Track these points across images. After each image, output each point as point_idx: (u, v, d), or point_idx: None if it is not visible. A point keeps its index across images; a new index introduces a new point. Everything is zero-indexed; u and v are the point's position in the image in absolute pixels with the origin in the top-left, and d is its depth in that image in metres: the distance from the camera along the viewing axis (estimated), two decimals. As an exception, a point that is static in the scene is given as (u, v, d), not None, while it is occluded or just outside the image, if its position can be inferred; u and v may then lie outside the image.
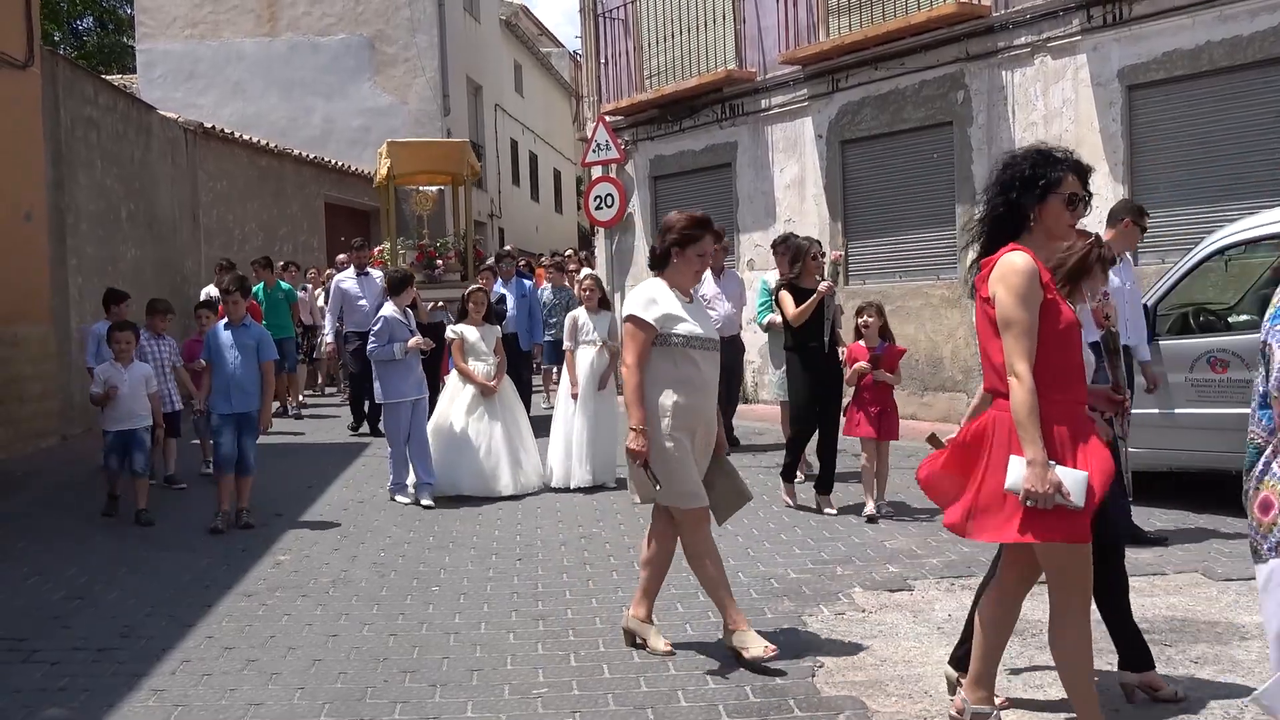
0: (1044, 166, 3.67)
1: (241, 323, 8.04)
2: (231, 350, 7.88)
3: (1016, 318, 3.48)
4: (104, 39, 37.81)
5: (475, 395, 8.87)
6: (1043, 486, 3.39)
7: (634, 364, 4.79)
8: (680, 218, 4.97)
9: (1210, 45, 9.86)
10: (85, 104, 13.17)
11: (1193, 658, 4.73)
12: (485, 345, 8.97)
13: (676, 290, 4.93)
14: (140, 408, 8.14)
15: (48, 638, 5.49)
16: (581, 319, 9.24)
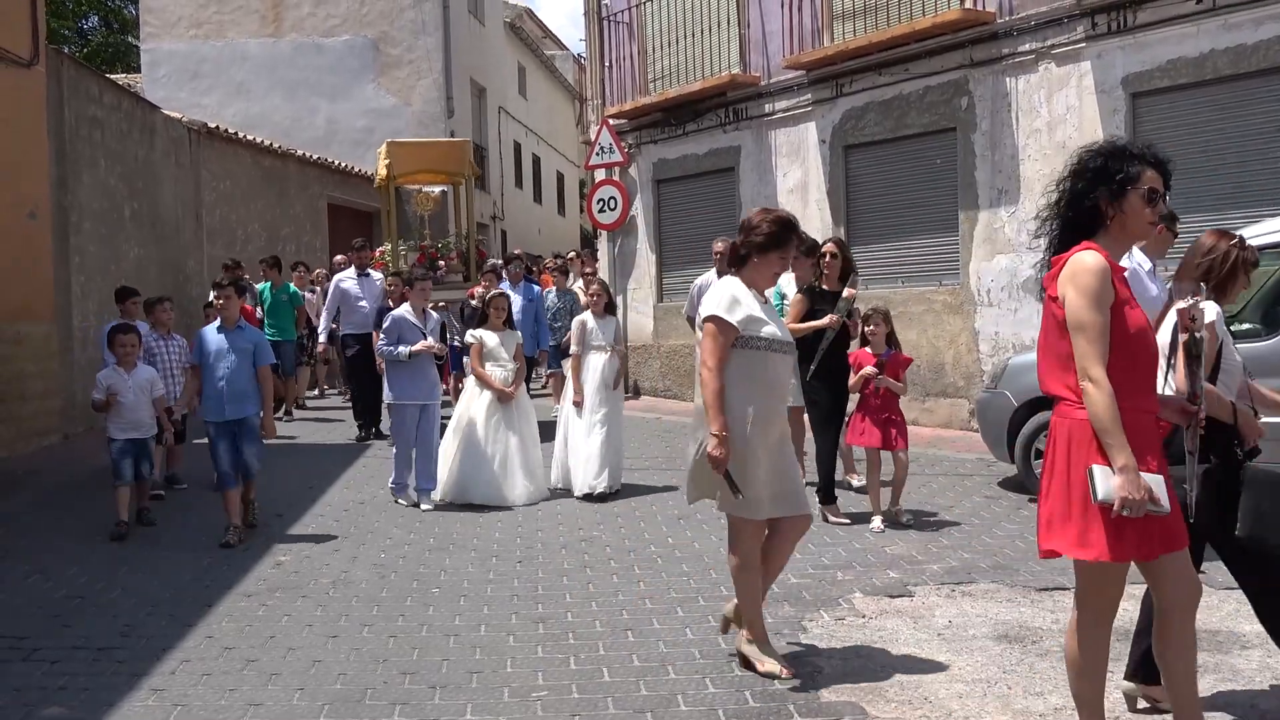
0: (1122, 161, 3.52)
1: (236, 325, 7.62)
2: (225, 354, 7.46)
3: (1088, 320, 3.34)
4: (109, 38, 37.84)
5: (492, 402, 8.68)
6: (1138, 494, 3.23)
7: (715, 367, 4.60)
8: (764, 218, 4.81)
9: (1214, 54, 9.87)
10: (90, 103, 13.18)
11: (1193, 666, 4.72)
12: (505, 351, 8.80)
13: (754, 291, 4.78)
14: (146, 415, 7.83)
15: (48, 636, 5.50)
16: (590, 324, 9.02)
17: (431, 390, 8.63)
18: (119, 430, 7.71)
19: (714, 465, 4.55)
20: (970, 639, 5.16)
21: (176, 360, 8.99)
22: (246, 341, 7.58)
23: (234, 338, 7.53)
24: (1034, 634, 5.21)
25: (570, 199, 39.49)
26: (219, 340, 7.52)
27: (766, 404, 4.68)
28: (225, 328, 7.55)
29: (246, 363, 7.50)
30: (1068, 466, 3.44)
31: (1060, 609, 5.58)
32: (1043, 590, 5.95)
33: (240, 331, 7.60)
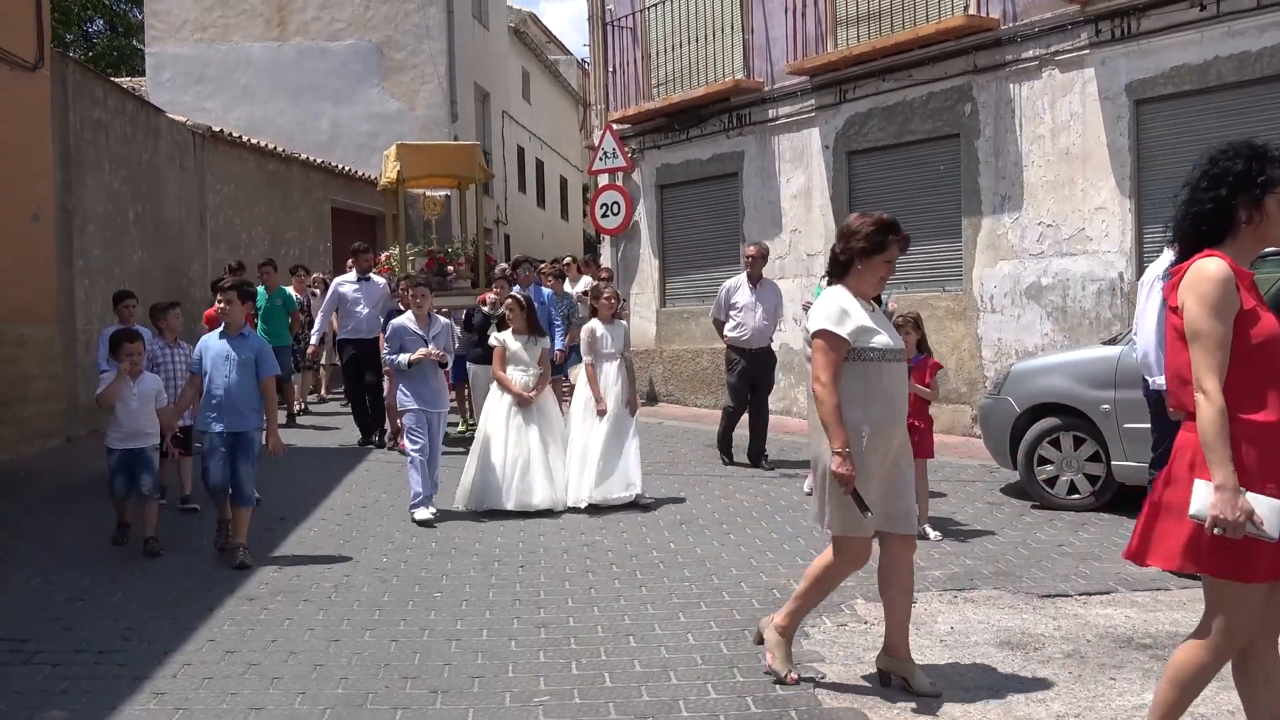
0: (1261, 162, 3.34)
1: (239, 331, 7.13)
2: (226, 363, 6.96)
3: (1206, 329, 3.19)
4: (114, 42, 37.91)
5: (512, 407, 8.53)
6: (1232, 514, 3.07)
7: (829, 382, 4.41)
8: (865, 222, 4.59)
9: (1218, 60, 9.87)
10: (94, 106, 13.20)
11: (1196, 674, 4.70)
12: (527, 355, 8.65)
13: (861, 299, 4.59)
14: (149, 424, 7.37)
15: (50, 640, 5.49)
16: (600, 331, 8.77)
17: (438, 399, 8.43)
18: (117, 439, 7.29)
19: (841, 484, 4.37)
20: (972, 645, 5.15)
21: (182, 369, 8.47)
22: (249, 350, 7.08)
23: (237, 345, 7.05)
24: (1036, 641, 5.20)
25: (574, 204, 39.51)
26: (221, 347, 7.05)
27: (882, 417, 4.48)
28: (228, 334, 7.09)
29: (248, 373, 7.02)
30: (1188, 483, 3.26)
31: (1063, 615, 5.57)
32: (1045, 597, 5.94)
33: (243, 339, 7.12)
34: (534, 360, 8.67)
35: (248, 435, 7.02)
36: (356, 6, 24.06)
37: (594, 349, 8.78)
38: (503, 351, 8.66)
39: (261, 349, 7.18)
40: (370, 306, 11.69)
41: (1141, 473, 7.68)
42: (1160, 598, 5.88)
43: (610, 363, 8.79)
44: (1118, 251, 10.61)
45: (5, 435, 10.82)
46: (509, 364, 8.65)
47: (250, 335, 7.24)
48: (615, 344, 8.81)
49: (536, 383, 8.65)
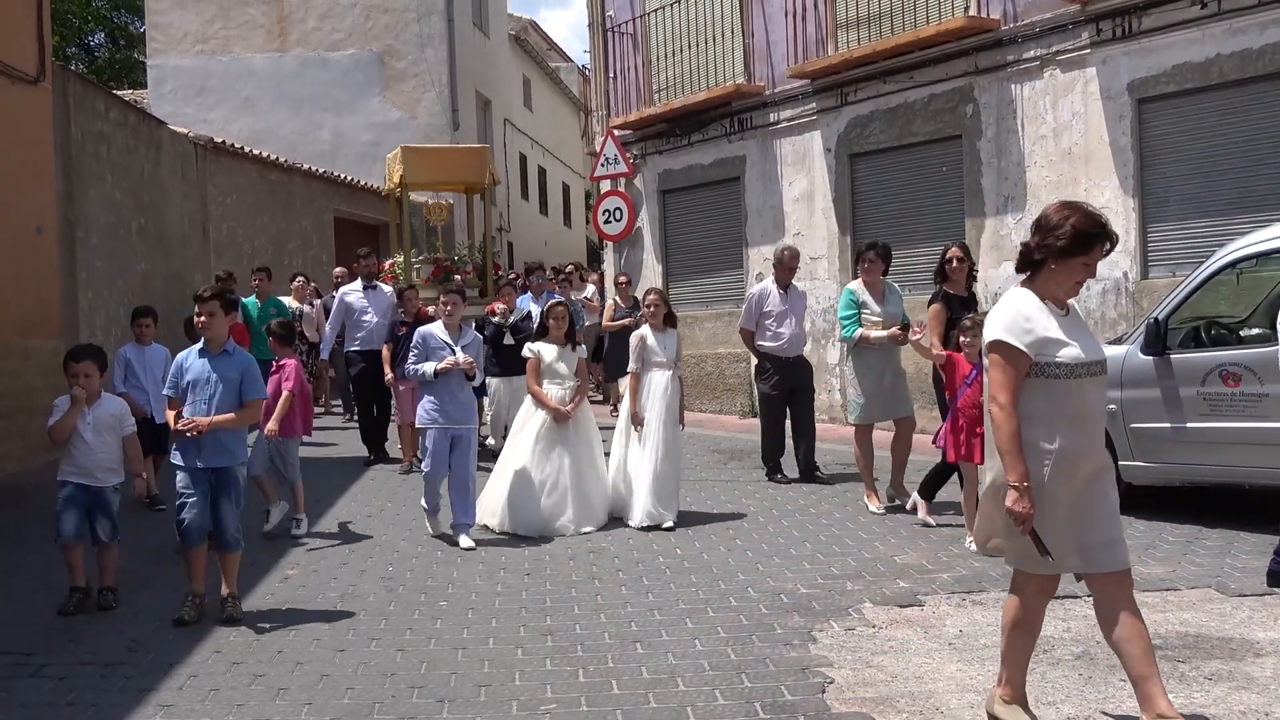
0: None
1: (223, 348, 6.11)
2: (207, 386, 5.97)
3: None
4: (115, 54, 38.06)
5: (546, 423, 8.00)
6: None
7: (1008, 403, 3.85)
8: (1068, 216, 3.88)
9: (1220, 58, 9.85)
10: (96, 119, 13.22)
11: (1206, 674, 4.68)
12: (564, 367, 8.12)
13: (1050, 303, 3.97)
14: (109, 459, 6.26)
15: (55, 652, 5.48)
16: (650, 339, 8.26)
17: (465, 414, 7.77)
18: (70, 472, 6.22)
19: (1017, 523, 3.83)
20: (982, 649, 5.13)
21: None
22: (234, 370, 6.07)
23: (220, 364, 6.04)
24: (1046, 643, 5.17)
25: (576, 210, 39.53)
26: (200, 366, 6.04)
27: (1072, 440, 3.87)
28: (209, 350, 6.07)
29: (231, 396, 6.01)
30: None
31: (1072, 617, 5.54)
32: (1054, 598, 5.90)
33: (227, 357, 6.10)
34: (570, 372, 8.18)
35: (231, 471, 6.04)
36: (357, 16, 24.11)
37: (642, 357, 8.29)
38: (537, 364, 8.11)
39: (247, 368, 6.13)
40: (379, 315, 11.23)
41: (1149, 472, 7.66)
42: (1169, 598, 5.86)
43: (660, 372, 8.27)
44: (1122, 251, 10.57)
45: (10, 448, 10.82)
46: (544, 377, 8.12)
47: (236, 352, 6.18)
48: (667, 353, 8.32)
49: (574, 396, 8.15)
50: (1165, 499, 7.98)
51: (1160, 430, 7.46)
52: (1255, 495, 8.15)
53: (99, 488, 6.22)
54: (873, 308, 8.52)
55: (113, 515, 6.29)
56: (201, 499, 5.93)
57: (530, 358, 8.16)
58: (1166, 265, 10.37)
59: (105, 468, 6.25)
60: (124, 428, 6.36)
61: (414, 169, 12.47)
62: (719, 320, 15.19)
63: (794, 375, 9.64)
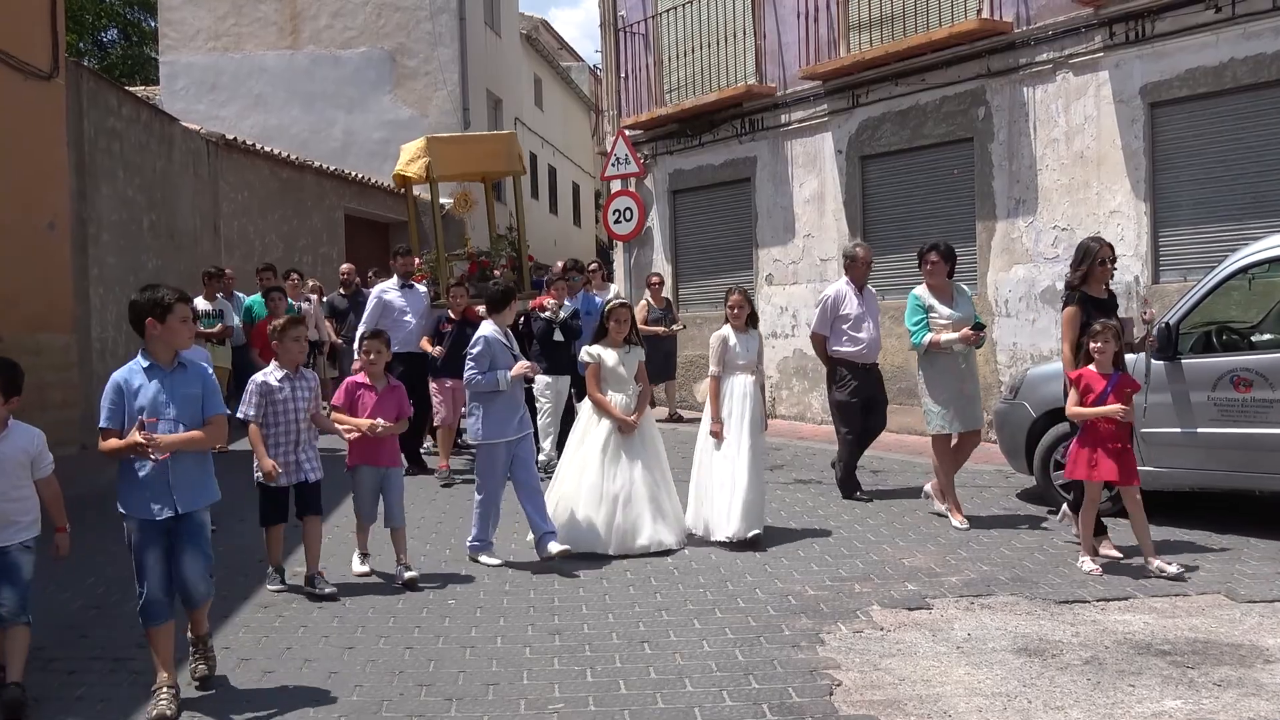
0: None
1: (175, 361, 4.78)
2: (167, 409, 4.71)
3: None
4: (128, 51, 38.16)
5: (612, 433, 7.37)
6: None
7: None
8: None
9: (1234, 63, 9.82)
10: (109, 115, 13.26)
11: (1216, 680, 4.67)
12: (626, 371, 7.46)
13: None
14: (17, 508, 4.82)
15: (66, 646, 5.51)
16: (732, 340, 7.70)
17: (524, 421, 7.21)
18: None
19: None
20: (990, 652, 5.12)
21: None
22: (191, 385, 4.79)
23: (174, 382, 4.75)
24: (1054, 647, 5.16)
25: (586, 210, 39.55)
26: (151, 387, 4.71)
27: None
28: (158, 364, 4.74)
29: (194, 418, 4.77)
30: None
31: (1080, 622, 5.53)
32: (1063, 603, 5.90)
33: (181, 372, 4.79)
34: (632, 376, 7.52)
35: (195, 517, 4.79)
36: (369, 15, 24.16)
37: (723, 360, 7.73)
38: (598, 369, 7.46)
39: (206, 380, 4.90)
40: (417, 317, 10.57)
41: (1159, 477, 7.64)
42: (1179, 604, 5.84)
43: (742, 376, 7.70)
44: (1133, 255, 10.55)
45: (21, 443, 10.85)
46: (605, 384, 7.48)
47: (190, 365, 4.86)
48: (749, 355, 7.72)
49: (638, 402, 7.52)
50: (1176, 504, 7.96)
51: (1171, 435, 7.44)
52: (1266, 501, 8.13)
53: (2, 547, 4.76)
54: (941, 310, 8.00)
55: (22, 584, 4.81)
56: (159, 562, 4.70)
57: (590, 363, 7.50)
58: (1178, 270, 10.34)
59: (9, 520, 4.77)
60: (40, 466, 4.92)
61: (442, 160, 11.59)
62: (728, 321, 15.18)
63: (872, 382, 9.02)
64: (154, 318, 4.69)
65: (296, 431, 6.37)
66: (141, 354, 4.76)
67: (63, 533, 5.02)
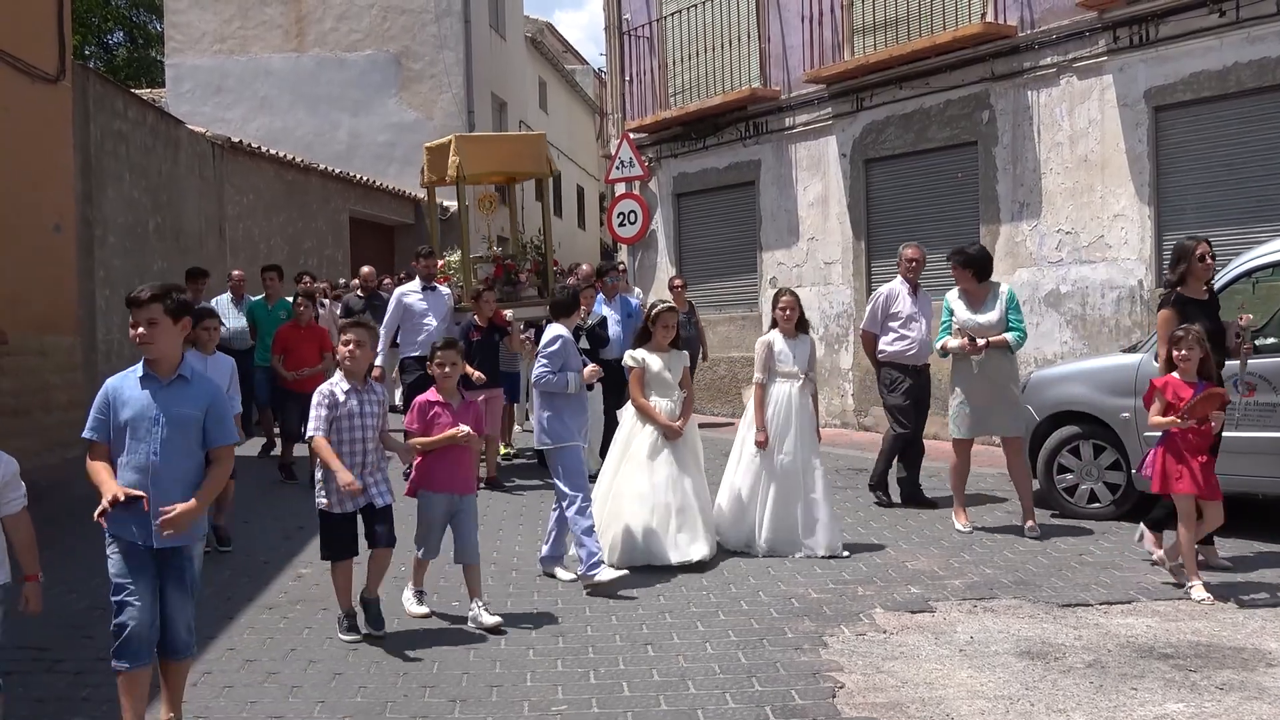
0: None
1: (176, 373, 4.14)
2: (153, 428, 4.05)
3: None
4: (134, 54, 38.24)
5: (658, 440, 7.08)
6: None
7: None
8: None
9: (1238, 67, 9.82)
10: (115, 118, 13.30)
11: (1218, 684, 4.68)
12: (671, 376, 7.13)
13: None
14: None
15: (71, 648, 5.53)
16: (778, 345, 7.42)
17: (585, 428, 6.97)
18: None
19: None
20: (992, 655, 5.13)
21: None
22: (193, 402, 4.14)
23: (170, 396, 4.11)
24: (1057, 650, 5.17)
25: (590, 213, 39.56)
26: (141, 400, 4.09)
27: None
28: (155, 375, 4.13)
29: (186, 441, 4.12)
30: None
31: (1083, 625, 5.54)
32: (1065, 606, 5.91)
33: (183, 384, 4.15)
34: (677, 381, 7.20)
35: (184, 554, 4.19)
36: (374, 18, 24.19)
37: (768, 366, 7.43)
38: (642, 374, 7.14)
39: (214, 401, 4.22)
40: (439, 319, 10.22)
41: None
42: (1181, 607, 5.84)
43: (788, 384, 7.40)
44: (1137, 259, 10.56)
45: (27, 444, 10.87)
46: (650, 389, 7.16)
47: (195, 379, 4.20)
48: (797, 362, 7.40)
49: (683, 409, 7.21)
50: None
51: (1174, 439, 7.43)
52: (1269, 505, 8.13)
53: None
54: (960, 315, 7.82)
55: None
56: (148, 592, 4.09)
57: (634, 367, 7.17)
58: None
59: None
60: (7, 499, 4.06)
61: (471, 160, 11.07)
62: (732, 324, 15.21)
63: (922, 384, 8.85)
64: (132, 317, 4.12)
65: (364, 451, 5.54)
66: (145, 359, 4.17)
67: (34, 582, 4.07)
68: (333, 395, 5.53)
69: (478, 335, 9.62)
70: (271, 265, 12.19)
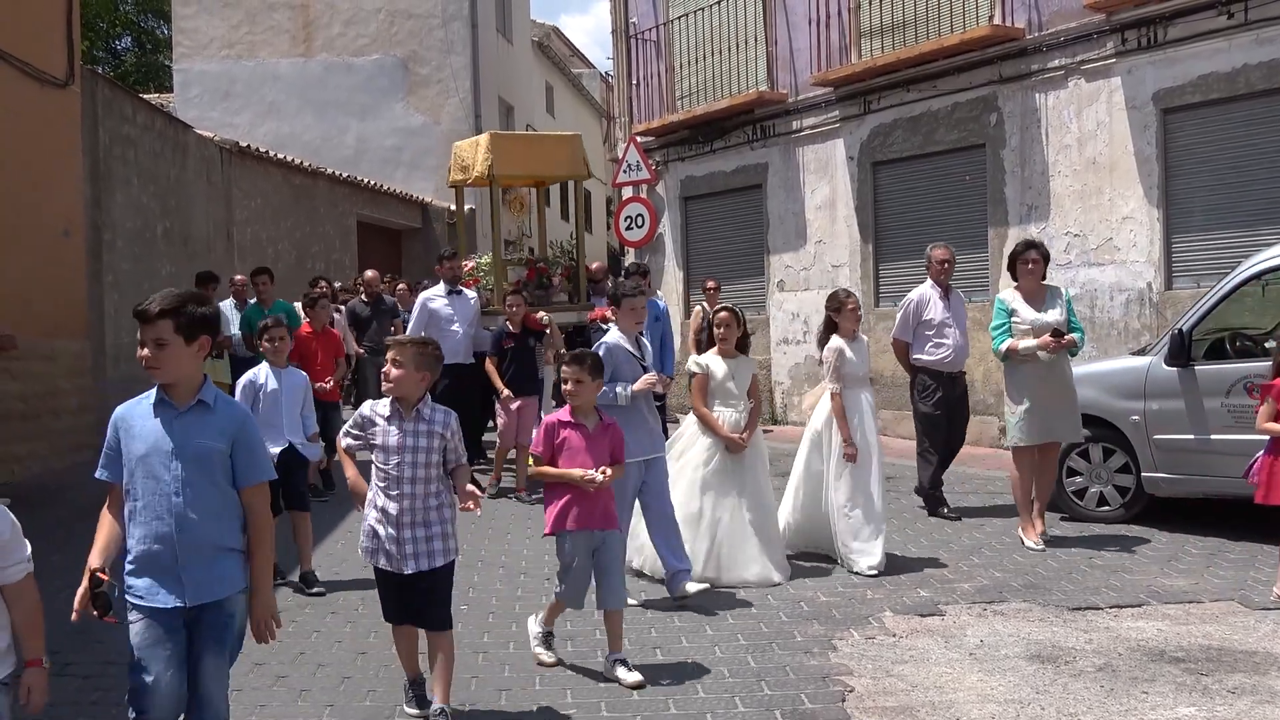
0: None
1: (195, 398, 3.42)
2: (169, 462, 3.35)
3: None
4: (142, 58, 38.34)
5: (720, 453, 6.62)
6: None
7: None
8: None
9: (1247, 68, 9.80)
10: (123, 122, 13.34)
11: (1229, 688, 4.65)
12: (737, 386, 6.68)
13: None
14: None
15: (81, 652, 5.53)
16: (848, 351, 7.01)
17: (655, 440, 6.33)
18: None
19: None
20: (1003, 659, 5.11)
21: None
22: (215, 434, 3.43)
23: (188, 425, 3.40)
24: (1067, 654, 5.15)
25: (597, 216, 39.58)
26: (153, 430, 3.40)
27: None
28: (170, 400, 3.42)
29: (214, 480, 3.42)
30: None
31: (1094, 628, 5.52)
32: (1076, 610, 5.89)
33: (204, 411, 3.44)
34: (744, 390, 6.73)
35: (223, 608, 3.52)
36: (381, 22, 24.24)
37: (841, 374, 6.98)
38: (705, 380, 6.67)
39: (242, 431, 3.50)
40: (465, 325, 9.94)
41: (1173, 484, 7.62)
42: (1192, 610, 5.82)
43: (860, 391, 7.06)
44: (1146, 261, 10.54)
45: (36, 448, 10.92)
46: (714, 398, 6.68)
47: (222, 407, 3.51)
48: (862, 366, 7.10)
49: (748, 419, 6.72)
50: (1188, 511, 7.94)
51: (1184, 442, 7.43)
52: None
53: None
54: (1024, 315, 7.41)
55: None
56: (175, 659, 3.48)
57: (697, 373, 6.71)
58: (1191, 276, 10.31)
59: None
60: (8, 563, 3.14)
61: (505, 160, 10.69)
62: (740, 327, 15.18)
63: (956, 392, 8.54)
64: None
65: (408, 495, 4.50)
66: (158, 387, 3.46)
67: (37, 668, 3.22)
68: (369, 419, 4.61)
69: (511, 342, 9.35)
70: (261, 268, 11.44)
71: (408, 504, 4.46)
